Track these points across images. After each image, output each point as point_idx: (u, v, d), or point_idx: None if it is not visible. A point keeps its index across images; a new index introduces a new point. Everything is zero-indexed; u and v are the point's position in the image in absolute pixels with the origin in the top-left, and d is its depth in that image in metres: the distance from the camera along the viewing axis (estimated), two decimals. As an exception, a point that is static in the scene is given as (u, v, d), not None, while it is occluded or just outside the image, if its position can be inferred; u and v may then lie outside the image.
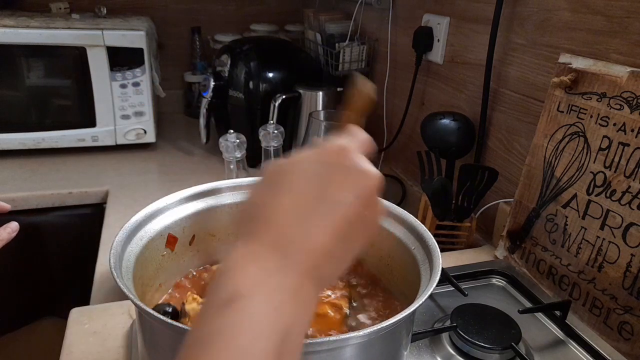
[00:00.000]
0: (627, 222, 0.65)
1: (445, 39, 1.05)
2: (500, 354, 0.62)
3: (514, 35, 0.87)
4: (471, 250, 0.90)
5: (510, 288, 0.78)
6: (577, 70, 0.73)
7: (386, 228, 0.60)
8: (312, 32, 1.43)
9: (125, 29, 1.22)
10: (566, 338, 0.68)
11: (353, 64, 1.32)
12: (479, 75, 0.94)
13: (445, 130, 0.94)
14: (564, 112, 0.75)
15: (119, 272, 0.45)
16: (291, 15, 1.68)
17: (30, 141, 1.25)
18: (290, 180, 0.33)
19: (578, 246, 0.72)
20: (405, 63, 1.20)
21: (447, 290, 0.74)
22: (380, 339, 0.44)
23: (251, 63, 1.23)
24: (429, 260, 0.52)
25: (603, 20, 0.71)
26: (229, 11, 1.70)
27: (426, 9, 1.11)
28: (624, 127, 0.66)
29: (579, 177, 0.72)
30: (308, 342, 0.42)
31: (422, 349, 0.64)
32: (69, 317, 0.67)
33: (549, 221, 0.76)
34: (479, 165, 0.92)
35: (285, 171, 0.34)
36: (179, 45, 1.66)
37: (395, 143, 1.23)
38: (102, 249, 0.92)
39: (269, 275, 0.29)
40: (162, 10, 1.61)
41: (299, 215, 0.32)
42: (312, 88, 1.24)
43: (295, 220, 0.31)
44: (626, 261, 0.65)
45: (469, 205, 0.88)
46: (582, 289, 0.71)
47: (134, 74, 1.25)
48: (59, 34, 1.18)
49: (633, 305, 0.64)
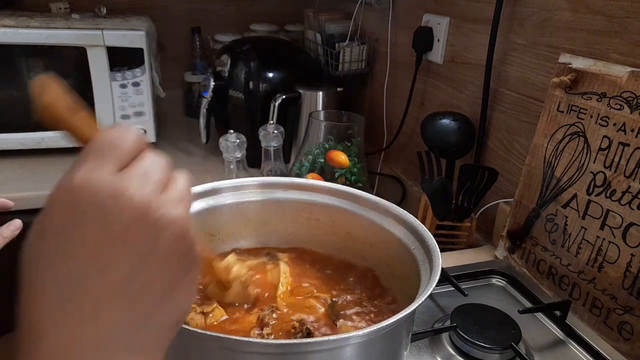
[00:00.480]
0: (627, 222, 0.65)
1: (445, 39, 1.05)
2: (500, 354, 0.62)
3: (514, 35, 0.87)
4: (471, 250, 0.90)
5: (510, 288, 0.79)
6: (577, 70, 0.73)
7: (386, 228, 0.60)
8: (312, 32, 1.43)
9: (125, 29, 1.22)
10: (566, 338, 0.68)
11: (353, 64, 1.32)
12: (479, 75, 0.94)
13: (445, 130, 0.94)
14: (564, 112, 0.75)
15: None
16: (291, 15, 1.68)
17: (30, 141, 1.24)
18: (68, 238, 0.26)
19: (578, 246, 0.72)
20: (405, 63, 1.20)
21: (447, 290, 0.74)
22: (380, 338, 0.44)
23: (251, 63, 1.23)
24: (429, 260, 0.52)
25: (603, 20, 0.71)
26: (229, 11, 1.70)
27: (426, 9, 1.11)
28: (624, 127, 0.66)
29: (579, 177, 0.72)
30: (308, 342, 0.42)
31: (422, 349, 0.64)
32: (69, 317, 0.67)
33: (549, 221, 0.76)
34: (479, 165, 0.92)
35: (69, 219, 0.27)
36: (179, 45, 1.66)
37: (395, 143, 1.23)
38: (102, 249, 0.92)
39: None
40: (162, 10, 1.61)
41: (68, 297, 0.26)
42: (312, 88, 1.24)
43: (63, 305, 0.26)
44: (626, 261, 0.65)
45: (469, 205, 0.88)
46: (582, 289, 0.71)
47: (134, 74, 1.25)
48: (59, 34, 1.17)
49: (633, 305, 0.64)
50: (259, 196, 0.65)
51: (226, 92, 1.25)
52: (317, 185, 0.66)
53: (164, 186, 0.28)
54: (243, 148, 1.05)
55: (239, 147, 1.04)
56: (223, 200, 0.63)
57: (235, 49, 1.28)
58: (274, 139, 1.09)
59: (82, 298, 0.26)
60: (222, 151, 1.05)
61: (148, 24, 1.35)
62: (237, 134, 1.04)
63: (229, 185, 0.64)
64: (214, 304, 0.54)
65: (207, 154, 1.34)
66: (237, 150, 1.04)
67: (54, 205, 0.27)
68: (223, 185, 0.63)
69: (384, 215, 0.61)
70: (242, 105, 1.24)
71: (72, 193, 0.27)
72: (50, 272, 0.26)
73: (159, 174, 0.28)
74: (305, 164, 1.08)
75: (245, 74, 1.23)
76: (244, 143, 1.05)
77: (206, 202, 0.62)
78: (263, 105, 1.22)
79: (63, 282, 0.26)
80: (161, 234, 0.27)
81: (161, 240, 0.27)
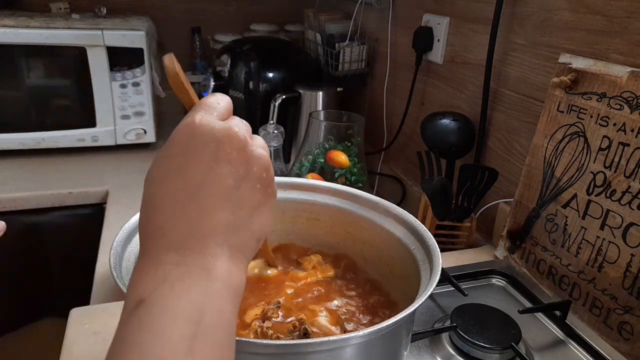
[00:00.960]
0: (627, 222, 0.65)
1: (445, 39, 1.05)
2: (500, 354, 0.62)
3: (514, 35, 0.87)
4: (471, 250, 0.90)
5: (510, 288, 0.79)
6: (577, 70, 0.73)
7: (386, 228, 0.60)
8: (312, 32, 1.43)
9: (125, 29, 1.22)
10: (566, 338, 0.68)
11: (353, 64, 1.32)
12: (479, 75, 0.94)
13: (445, 130, 0.94)
14: (564, 112, 0.75)
15: (119, 272, 0.45)
16: (291, 15, 1.68)
17: (30, 141, 1.25)
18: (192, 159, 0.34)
19: (578, 246, 0.72)
20: (405, 63, 1.20)
21: (447, 290, 0.74)
22: (380, 339, 0.44)
23: (251, 63, 1.23)
24: (429, 260, 0.52)
25: (603, 20, 0.71)
26: (229, 11, 1.70)
27: (426, 9, 1.11)
28: (624, 127, 0.66)
29: (579, 177, 0.72)
30: (308, 343, 0.42)
31: (422, 349, 0.64)
32: (69, 317, 0.67)
33: (549, 221, 0.76)
34: (479, 165, 0.92)
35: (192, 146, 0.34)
36: (179, 45, 1.65)
37: (395, 143, 1.23)
38: (102, 249, 0.92)
39: (166, 276, 0.31)
40: (162, 10, 1.61)
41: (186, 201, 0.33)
42: (312, 88, 1.24)
43: (182, 207, 0.33)
44: (626, 261, 0.65)
45: (469, 205, 0.88)
46: (582, 289, 0.71)
47: (134, 74, 1.25)
48: (59, 34, 1.17)
49: (633, 305, 0.64)
50: (259, 196, 0.65)
51: (226, 92, 1.25)
52: (317, 185, 0.66)
53: (251, 136, 0.37)
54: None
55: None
56: (223, 200, 0.63)
57: (235, 49, 1.28)
58: (274, 139, 1.09)
59: (197, 203, 0.33)
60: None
61: (148, 24, 1.35)
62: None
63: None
64: None
65: (207, 154, 1.34)
66: None
67: (177, 137, 0.35)
68: (223, 185, 0.63)
69: (384, 215, 0.61)
70: (242, 105, 1.25)
71: (193, 128, 0.34)
72: (171, 185, 0.34)
73: (248, 127, 0.38)
74: (305, 164, 1.08)
75: (245, 74, 1.23)
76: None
77: (206, 202, 0.62)
78: (263, 105, 1.22)
79: (182, 192, 0.33)
80: (254, 162, 0.36)
81: (254, 168, 0.36)
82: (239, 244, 0.35)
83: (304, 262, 0.63)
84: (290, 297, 0.58)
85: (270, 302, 0.55)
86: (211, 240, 0.33)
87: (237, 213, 0.35)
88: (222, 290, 0.32)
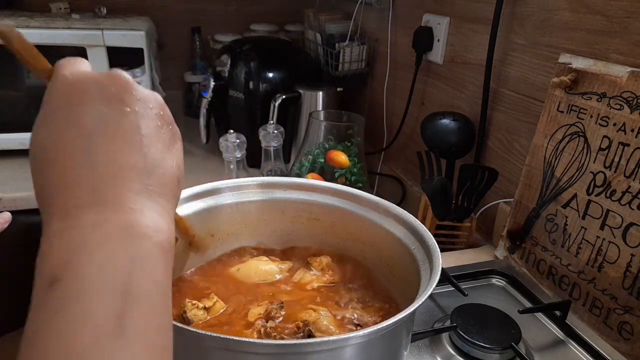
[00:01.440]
0: (627, 222, 0.65)
1: (445, 39, 1.05)
2: (500, 354, 0.62)
3: (514, 35, 0.87)
4: (471, 250, 0.90)
5: (510, 288, 0.79)
6: (577, 70, 0.73)
7: (386, 228, 0.60)
8: (312, 32, 1.43)
9: (125, 29, 1.22)
10: (566, 338, 0.68)
11: (353, 64, 1.32)
12: (479, 75, 0.94)
13: (445, 130, 0.94)
14: (564, 112, 0.75)
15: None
16: (291, 15, 1.68)
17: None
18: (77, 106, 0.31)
19: (578, 246, 0.72)
20: (405, 63, 1.20)
21: (447, 290, 0.74)
22: (380, 339, 0.44)
23: (251, 63, 1.23)
24: (429, 260, 0.52)
25: (603, 20, 0.71)
26: (229, 11, 1.70)
27: (426, 9, 1.11)
28: (624, 127, 0.66)
29: (579, 177, 0.72)
30: (308, 343, 0.42)
31: (422, 349, 0.64)
32: (69, 317, 0.67)
33: (549, 221, 0.76)
34: (479, 165, 0.92)
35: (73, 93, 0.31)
36: (179, 45, 1.66)
37: (395, 143, 1.23)
38: (102, 249, 0.92)
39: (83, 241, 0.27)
40: (162, 10, 1.61)
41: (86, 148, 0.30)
42: (312, 88, 1.24)
43: (84, 156, 0.30)
44: (626, 261, 0.65)
45: (469, 205, 0.88)
46: (582, 289, 0.71)
47: (134, 74, 1.25)
48: (59, 34, 1.17)
49: (633, 305, 0.64)
50: (259, 196, 0.65)
51: (226, 92, 1.25)
52: (317, 185, 0.66)
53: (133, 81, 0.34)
54: (243, 148, 1.05)
55: (239, 147, 1.04)
56: (223, 200, 0.63)
57: (235, 49, 1.28)
58: (274, 139, 1.09)
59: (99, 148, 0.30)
60: (222, 151, 1.05)
61: (148, 24, 1.35)
62: (237, 134, 1.04)
63: (229, 185, 0.64)
64: (214, 298, 0.55)
65: (207, 154, 1.34)
66: (237, 150, 1.04)
67: (53, 94, 0.32)
68: (223, 185, 0.63)
69: (384, 215, 0.61)
70: (242, 105, 1.25)
71: (67, 80, 0.32)
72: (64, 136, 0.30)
73: None
74: (305, 164, 1.08)
75: (245, 74, 1.23)
76: (244, 143, 1.05)
77: (206, 202, 0.62)
78: (263, 105, 1.22)
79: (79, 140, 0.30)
80: (148, 100, 0.33)
81: (150, 105, 0.33)
82: (159, 187, 0.32)
83: (314, 262, 0.63)
84: (293, 297, 0.58)
85: (273, 302, 0.55)
86: (126, 186, 0.30)
87: (147, 154, 0.32)
88: (151, 249, 0.29)
